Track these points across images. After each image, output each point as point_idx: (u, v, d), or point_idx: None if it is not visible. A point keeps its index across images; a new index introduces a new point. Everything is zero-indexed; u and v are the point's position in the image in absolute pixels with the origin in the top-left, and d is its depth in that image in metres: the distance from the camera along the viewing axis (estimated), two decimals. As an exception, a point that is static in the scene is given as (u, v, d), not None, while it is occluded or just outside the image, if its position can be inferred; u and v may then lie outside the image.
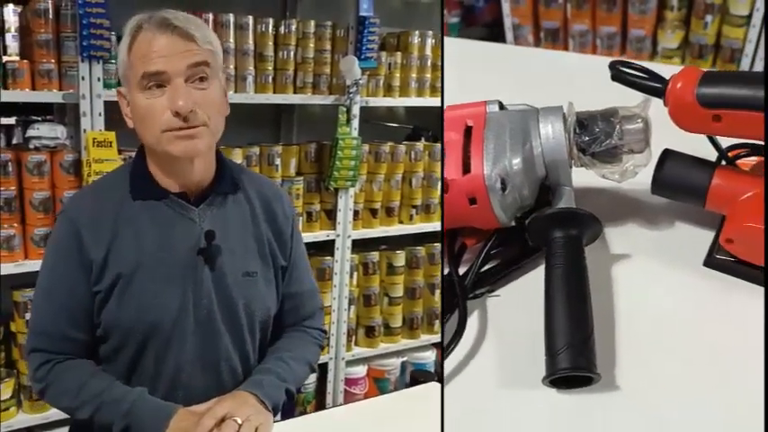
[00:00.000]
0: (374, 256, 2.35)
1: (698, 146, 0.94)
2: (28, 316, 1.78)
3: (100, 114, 1.79)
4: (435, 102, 2.40)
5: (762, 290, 0.85)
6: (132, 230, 1.07)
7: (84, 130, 1.77)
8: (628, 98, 0.91)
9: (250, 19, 2.01)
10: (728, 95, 0.82)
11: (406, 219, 2.39)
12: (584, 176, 0.93)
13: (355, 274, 2.32)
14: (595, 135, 0.88)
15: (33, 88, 1.74)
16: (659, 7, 2.59)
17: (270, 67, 2.07)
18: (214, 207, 1.11)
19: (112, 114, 1.77)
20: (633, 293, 0.88)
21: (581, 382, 0.77)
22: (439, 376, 0.85)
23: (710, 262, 0.90)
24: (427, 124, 2.59)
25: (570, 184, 0.90)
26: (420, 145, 2.37)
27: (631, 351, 0.81)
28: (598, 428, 0.76)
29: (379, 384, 2.42)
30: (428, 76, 2.36)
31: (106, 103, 1.78)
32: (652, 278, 0.90)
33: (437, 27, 2.49)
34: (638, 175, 0.91)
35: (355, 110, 2.18)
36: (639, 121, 0.88)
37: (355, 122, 2.19)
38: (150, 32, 1.02)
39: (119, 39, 1.81)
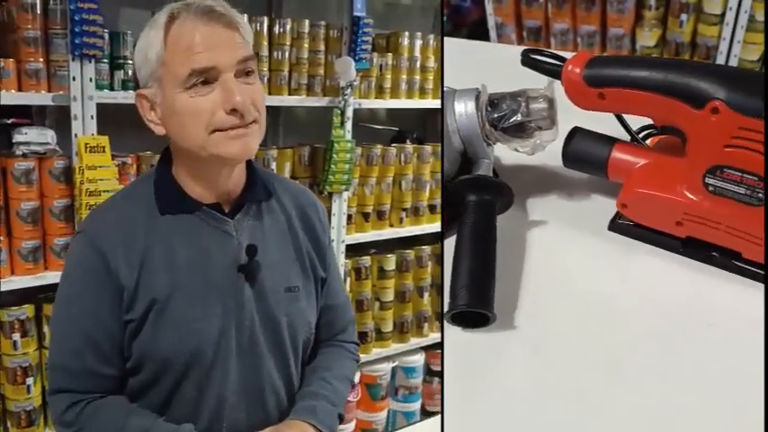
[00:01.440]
0: (366, 260, 2.31)
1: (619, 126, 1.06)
2: (15, 336, 1.65)
3: (92, 117, 1.66)
4: (426, 104, 2.39)
5: (656, 249, 0.96)
6: (164, 249, 0.96)
7: (76, 135, 1.65)
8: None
9: (244, 18, 1.92)
10: (609, 75, 0.92)
11: (397, 222, 2.37)
12: (512, 155, 1.04)
13: (348, 279, 2.28)
14: (504, 112, 0.98)
15: (20, 89, 1.60)
16: (638, 6, 2.63)
17: (265, 68, 1.99)
18: (249, 218, 1.01)
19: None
20: (542, 253, 0.98)
21: (480, 323, 0.86)
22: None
23: (613, 226, 0.99)
24: (410, 126, 2.58)
25: (488, 157, 1.00)
26: (410, 147, 2.35)
27: (532, 299, 0.91)
28: (493, 359, 0.86)
29: (370, 391, 2.39)
30: (417, 77, 2.34)
31: (99, 105, 1.67)
32: (561, 240, 0.99)
33: (421, 28, 2.48)
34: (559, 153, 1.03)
35: (349, 112, 2.14)
36: (543, 100, 0.98)
37: (349, 125, 2.15)
38: (190, 22, 0.91)
39: (111, 36, 1.74)
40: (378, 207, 2.31)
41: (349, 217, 2.23)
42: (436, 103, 2.45)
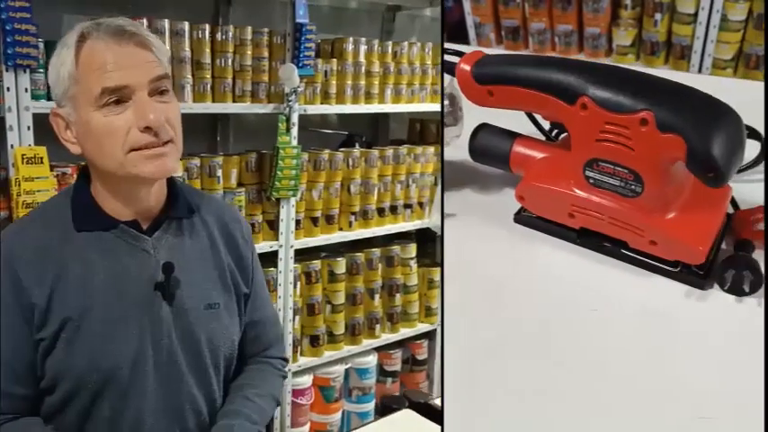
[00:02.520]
0: (316, 264, 2.33)
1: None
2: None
3: (29, 128, 1.66)
4: (372, 108, 2.41)
5: (557, 241, 1.00)
6: (79, 267, 0.96)
7: (12, 146, 1.63)
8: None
9: (186, 25, 1.93)
10: (494, 73, 0.96)
11: (346, 226, 2.39)
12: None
13: (298, 283, 2.30)
14: None
15: (-48, 101, 1.58)
16: (615, 6, 2.62)
17: (208, 75, 1.99)
18: (169, 235, 1.02)
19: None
20: (450, 243, 1.01)
21: None
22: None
23: (518, 218, 1.03)
24: (360, 130, 2.61)
25: None
26: (357, 152, 2.38)
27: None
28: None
29: (324, 393, 2.41)
30: (362, 82, 2.37)
31: (35, 115, 1.66)
32: (469, 231, 1.03)
33: (368, 33, 2.50)
34: None
35: (294, 118, 2.16)
36: (444, 97, 1.03)
37: (294, 131, 2.17)
38: (102, 41, 0.92)
39: (46, 46, 1.72)
40: (327, 211, 2.33)
41: (298, 222, 2.25)
42: (382, 108, 2.48)
